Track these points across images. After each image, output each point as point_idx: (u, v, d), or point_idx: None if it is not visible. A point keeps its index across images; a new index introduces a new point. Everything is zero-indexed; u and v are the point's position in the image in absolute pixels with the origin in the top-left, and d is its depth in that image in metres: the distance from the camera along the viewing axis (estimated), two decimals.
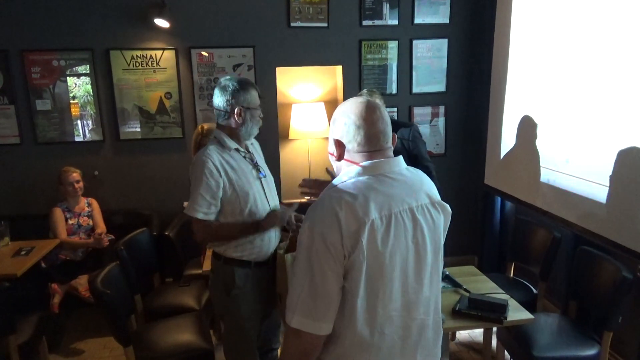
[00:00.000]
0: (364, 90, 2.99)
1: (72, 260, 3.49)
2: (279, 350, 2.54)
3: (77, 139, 3.88)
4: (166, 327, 2.67)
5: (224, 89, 2.07)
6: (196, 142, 3.06)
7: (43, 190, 3.81)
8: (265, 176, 2.22)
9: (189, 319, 2.76)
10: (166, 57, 3.86)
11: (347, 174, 1.29)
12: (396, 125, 3.06)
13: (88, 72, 3.78)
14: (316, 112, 4.26)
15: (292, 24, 3.95)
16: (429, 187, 1.35)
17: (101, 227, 3.65)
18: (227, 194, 2.05)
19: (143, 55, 3.83)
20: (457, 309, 2.21)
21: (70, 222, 3.55)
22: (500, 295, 2.37)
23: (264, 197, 2.17)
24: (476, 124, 4.22)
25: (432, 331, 1.33)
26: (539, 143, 3.21)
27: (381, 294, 1.20)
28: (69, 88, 3.80)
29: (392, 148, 1.33)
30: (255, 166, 2.19)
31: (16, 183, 3.86)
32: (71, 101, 3.82)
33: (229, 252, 2.13)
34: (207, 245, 2.31)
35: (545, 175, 3.15)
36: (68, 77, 3.77)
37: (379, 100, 2.94)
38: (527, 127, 3.32)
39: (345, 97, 4.01)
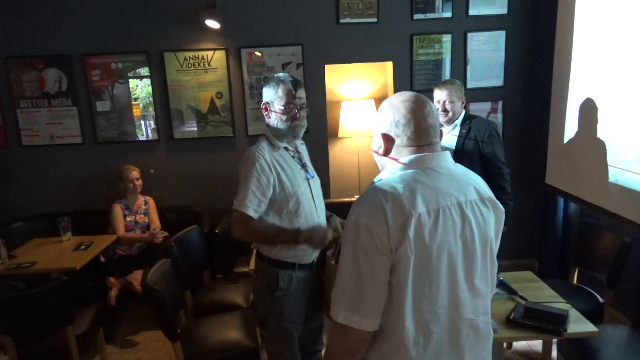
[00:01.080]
0: (445, 80, 2.90)
1: (129, 255, 3.63)
2: (323, 352, 2.51)
3: (140, 138, 4.03)
4: (213, 324, 2.70)
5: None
6: None
7: (102, 187, 4.00)
8: (313, 177, 2.18)
9: (236, 317, 2.78)
10: (217, 57, 3.92)
11: (391, 169, 1.25)
12: (468, 119, 2.94)
13: (148, 74, 3.92)
14: (366, 110, 4.18)
15: (341, 21, 3.89)
16: (478, 182, 1.29)
17: (156, 224, 3.77)
18: (275, 192, 2.02)
19: (195, 57, 3.91)
20: (511, 317, 2.07)
21: (127, 219, 3.69)
22: (560, 304, 2.20)
23: (311, 199, 2.13)
24: (537, 119, 3.97)
25: (481, 333, 1.27)
26: (606, 140, 2.96)
27: (427, 290, 1.15)
28: (131, 90, 3.95)
29: (440, 142, 1.29)
30: (304, 167, 2.15)
31: (79, 181, 4.07)
32: (133, 102, 3.97)
33: (273, 253, 2.10)
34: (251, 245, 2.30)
35: (614, 175, 2.90)
36: (130, 80, 3.92)
37: (457, 91, 2.84)
38: (593, 123, 3.07)
39: None
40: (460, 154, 2.85)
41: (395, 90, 4.04)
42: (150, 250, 3.63)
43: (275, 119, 2.06)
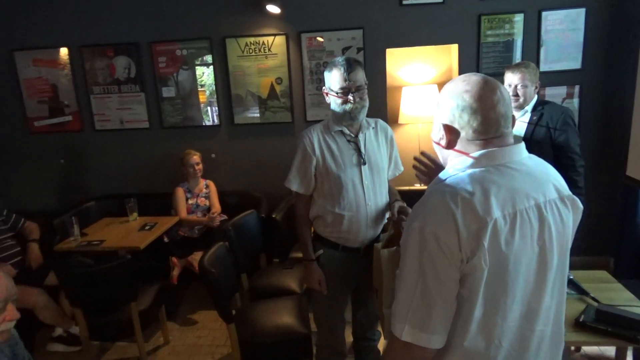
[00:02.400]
0: (519, 63, 2.72)
1: (190, 237, 3.76)
2: (379, 347, 2.47)
3: (207, 123, 4.13)
4: (267, 308, 2.73)
5: None
6: None
7: (167, 171, 4.15)
8: (365, 164, 2.09)
9: (290, 302, 2.79)
10: (277, 42, 3.91)
11: (457, 165, 1.13)
12: (540, 104, 2.74)
13: (212, 61, 4.00)
14: (428, 95, 4.02)
15: (404, 2, 3.74)
16: (556, 178, 1.15)
17: (216, 207, 3.87)
18: (318, 173, 2.10)
19: (256, 42, 3.93)
20: (581, 320, 1.91)
21: (189, 202, 3.82)
22: (639, 308, 2.00)
23: (359, 186, 2.10)
24: (619, 105, 3.63)
25: (550, 345, 1.16)
26: None
27: (502, 304, 1.05)
28: (198, 77, 4.04)
29: (512, 132, 1.15)
30: (359, 152, 2.10)
31: (145, 164, 4.26)
32: (199, 89, 4.07)
33: (320, 229, 2.18)
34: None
35: None
36: (197, 67, 4.02)
37: (532, 74, 2.65)
38: None
39: None
40: (529, 143, 2.65)
41: (461, 74, 3.83)
42: (211, 232, 3.72)
43: (332, 102, 2.08)
